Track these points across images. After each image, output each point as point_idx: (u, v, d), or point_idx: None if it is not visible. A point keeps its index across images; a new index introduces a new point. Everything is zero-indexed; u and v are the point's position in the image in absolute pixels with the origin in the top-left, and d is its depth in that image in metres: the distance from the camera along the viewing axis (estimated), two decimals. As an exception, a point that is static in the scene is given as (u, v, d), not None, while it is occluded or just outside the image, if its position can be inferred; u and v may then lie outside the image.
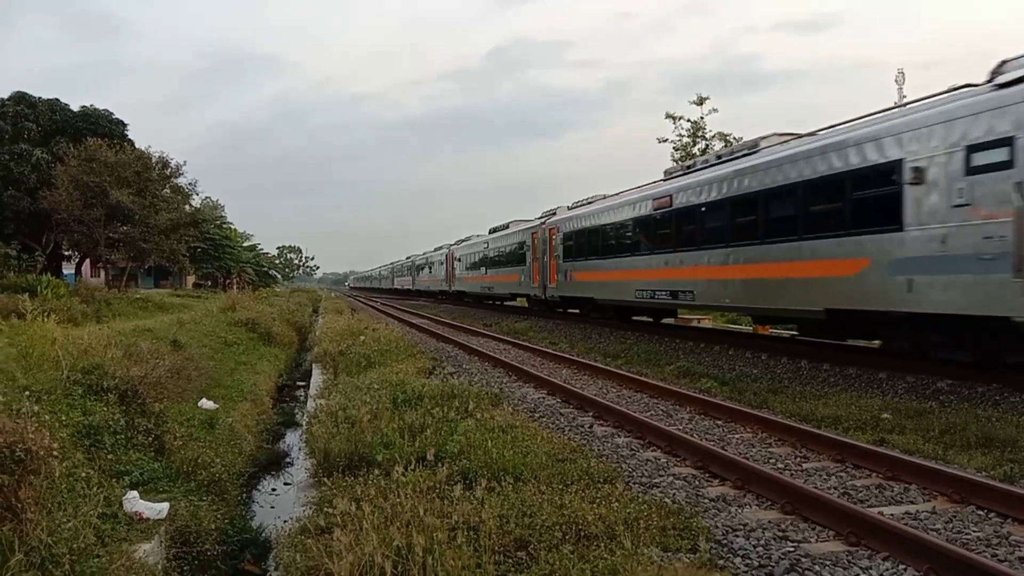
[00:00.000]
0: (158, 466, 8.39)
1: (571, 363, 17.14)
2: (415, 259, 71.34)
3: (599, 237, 24.85)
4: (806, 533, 6.09)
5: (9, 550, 4.91)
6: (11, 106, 35.22)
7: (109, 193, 30.88)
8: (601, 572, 4.84)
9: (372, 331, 22.59)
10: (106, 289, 32.50)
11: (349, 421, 9.10)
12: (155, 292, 43.30)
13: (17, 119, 34.62)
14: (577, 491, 6.49)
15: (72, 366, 9.51)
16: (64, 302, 20.15)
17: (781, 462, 8.38)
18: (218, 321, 23.58)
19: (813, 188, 14.25)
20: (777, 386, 13.32)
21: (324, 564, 5.15)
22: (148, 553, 6.33)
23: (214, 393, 13.41)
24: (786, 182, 15.01)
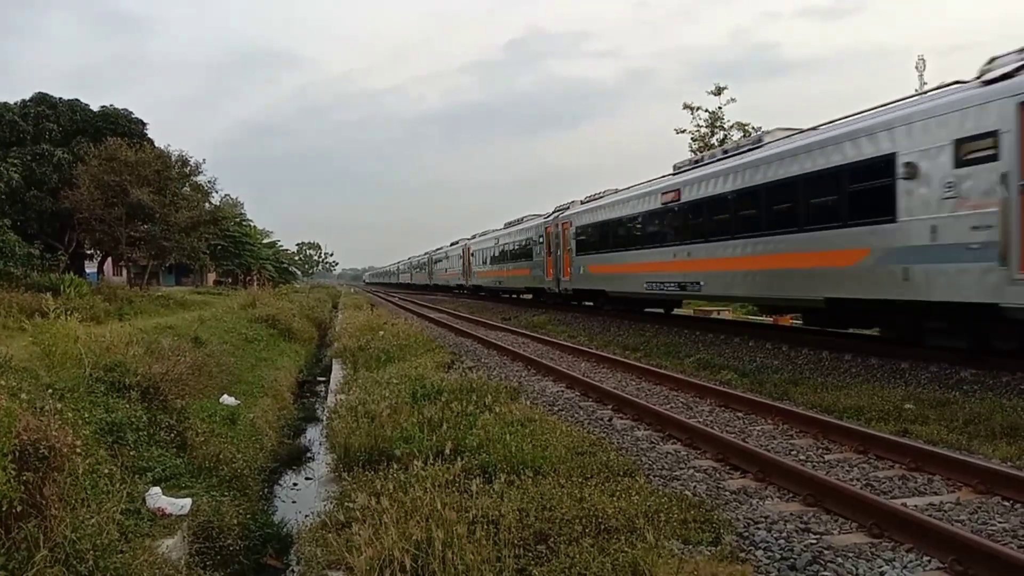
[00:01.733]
0: (180, 462, 8.45)
1: (590, 356, 17.10)
2: (433, 254, 72.12)
3: (610, 231, 25.37)
4: (828, 525, 6.04)
5: (34, 546, 4.96)
6: (32, 107, 35.63)
7: (129, 192, 31.16)
8: (622, 565, 4.82)
9: (391, 326, 22.64)
10: (128, 287, 32.84)
11: (369, 416, 9.12)
12: (176, 290, 43.67)
13: (39, 120, 35.02)
14: (597, 484, 6.46)
15: (95, 364, 9.60)
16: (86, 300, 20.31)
17: (803, 454, 8.32)
18: (239, 318, 23.75)
19: (813, 181, 14.70)
20: (798, 377, 13.22)
21: (344, 558, 5.18)
22: (171, 548, 6.38)
23: (235, 389, 13.49)
24: (787, 176, 15.46)
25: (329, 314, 42.89)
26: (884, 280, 12.79)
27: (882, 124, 12.99)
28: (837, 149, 13.95)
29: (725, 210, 17.97)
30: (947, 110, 11.61)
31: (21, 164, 30.89)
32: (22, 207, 32.06)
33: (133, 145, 33.24)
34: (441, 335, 23.46)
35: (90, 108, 38.11)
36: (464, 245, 53.31)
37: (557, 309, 31.97)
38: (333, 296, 67.28)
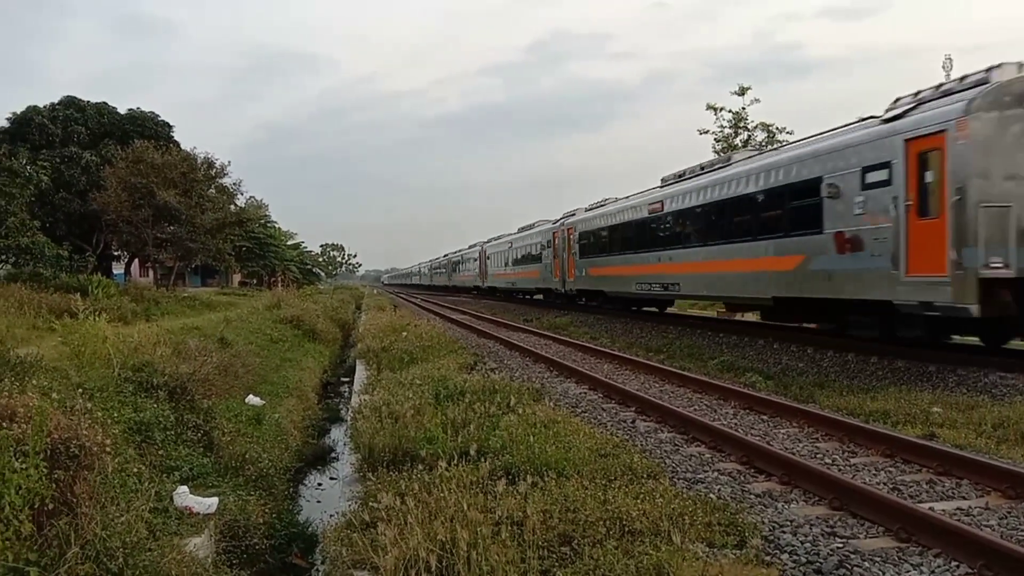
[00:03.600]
0: (207, 461, 8.53)
1: (612, 358, 17.07)
2: (451, 256, 74.04)
3: (607, 237, 28.12)
4: (855, 529, 5.99)
5: (65, 543, 5.03)
6: (61, 110, 36.14)
7: (156, 194, 31.48)
8: (646, 568, 4.81)
9: (414, 327, 22.74)
10: (155, 288, 33.19)
11: (393, 417, 9.17)
12: (202, 291, 44.08)
13: (67, 123, 35.52)
14: (621, 486, 6.46)
15: (123, 364, 9.73)
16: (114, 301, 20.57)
17: (828, 457, 8.26)
18: (264, 319, 23.94)
19: (763, 198, 17.22)
20: (823, 380, 13.14)
21: (370, 558, 5.21)
22: (198, 547, 6.44)
23: (261, 389, 13.60)
24: (743, 192, 18.01)
25: (352, 315, 43.11)
26: (815, 281, 15.16)
27: (812, 152, 15.50)
28: (781, 172, 16.44)
29: (697, 221, 20.72)
30: (857, 142, 14.05)
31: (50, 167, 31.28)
32: (51, 209, 32.53)
33: (160, 147, 33.60)
34: (463, 336, 23.51)
35: (117, 111, 38.59)
36: (480, 249, 55.42)
37: (578, 311, 32.02)
38: (356, 297, 67.63)
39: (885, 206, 13.06)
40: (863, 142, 13.88)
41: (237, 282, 69.68)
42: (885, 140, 13.24)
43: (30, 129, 34.66)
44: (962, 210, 11.55)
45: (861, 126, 14.43)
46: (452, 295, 66.78)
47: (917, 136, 12.57)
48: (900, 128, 12.94)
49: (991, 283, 11.41)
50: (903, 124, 12.95)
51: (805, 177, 15.39)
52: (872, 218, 13.42)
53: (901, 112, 13.26)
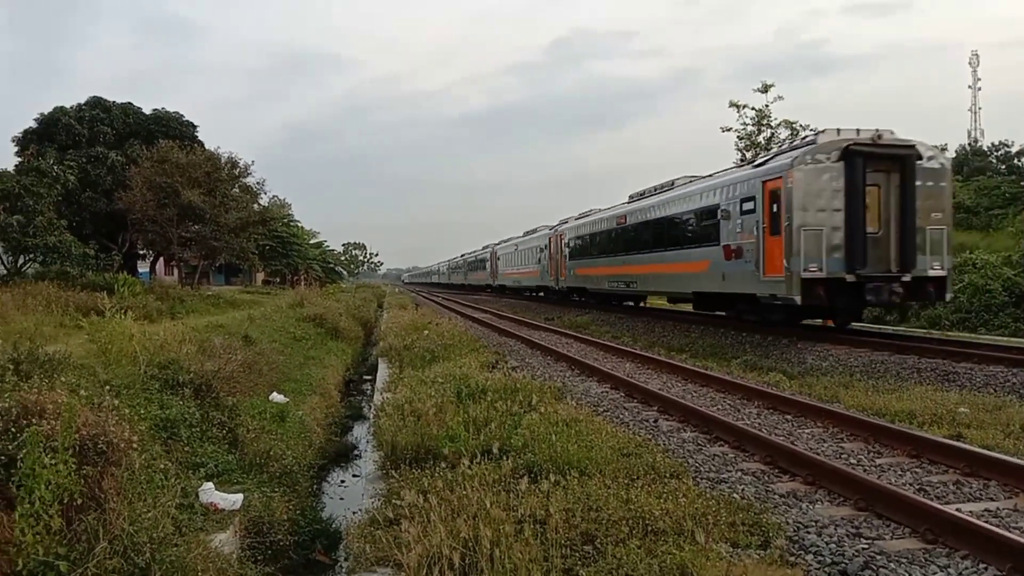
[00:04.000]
0: (232, 458, 8.61)
1: (634, 357, 17.03)
2: (467, 257, 77.92)
3: (588, 242, 33.30)
4: (880, 530, 5.95)
5: (94, 538, 5.09)
6: (87, 111, 36.52)
7: (181, 193, 31.75)
8: (669, 568, 4.80)
9: (435, 326, 22.80)
10: (179, 286, 33.48)
11: (415, 414, 9.20)
12: (226, 289, 44.43)
13: (94, 123, 35.88)
14: (643, 486, 6.45)
15: (149, 361, 9.83)
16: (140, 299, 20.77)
17: (853, 457, 8.19)
18: (287, 317, 24.10)
19: (686, 217, 22.37)
20: (848, 380, 13.03)
21: (393, 555, 5.23)
22: (223, 543, 6.50)
23: (284, 387, 13.70)
24: (674, 212, 23.28)
25: (374, 313, 43.28)
26: (715, 280, 19.90)
27: (714, 184, 20.42)
28: (696, 198, 21.54)
29: (647, 232, 25.82)
30: (739, 180, 18.98)
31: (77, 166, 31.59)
32: (78, 208, 32.88)
33: (184, 147, 33.86)
34: (484, 335, 23.54)
35: (142, 111, 38.93)
36: (492, 250, 60.23)
37: (599, 310, 32.05)
38: (378, 296, 67.91)
39: (752, 227, 17.86)
40: (741, 180, 18.74)
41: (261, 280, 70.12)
42: (753, 180, 18.10)
43: (57, 129, 35.05)
44: (791, 231, 16.11)
45: (740, 169, 20.14)
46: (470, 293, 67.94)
47: (768, 179, 17.36)
48: (760, 173, 17.91)
49: (809, 282, 15.96)
50: (762, 170, 17.88)
51: (709, 204, 20.36)
52: (746, 235, 18.20)
53: (763, 161, 18.71)
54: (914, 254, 16.19)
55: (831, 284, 16.01)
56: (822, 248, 15.95)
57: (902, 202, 16.22)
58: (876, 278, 16.05)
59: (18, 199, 25.29)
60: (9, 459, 5.35)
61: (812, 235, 15.95)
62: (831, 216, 15.97)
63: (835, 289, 16.08)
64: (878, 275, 16.08)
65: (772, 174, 17.15)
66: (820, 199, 16.02)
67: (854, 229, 15.84)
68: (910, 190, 16.15)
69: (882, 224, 16.37)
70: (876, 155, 16.14)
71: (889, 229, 16.34)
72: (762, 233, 17.35)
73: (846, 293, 16.18)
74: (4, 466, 5.34)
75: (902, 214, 16.23)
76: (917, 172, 16.25)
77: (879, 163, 16.24)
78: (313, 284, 57.60)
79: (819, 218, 16.00)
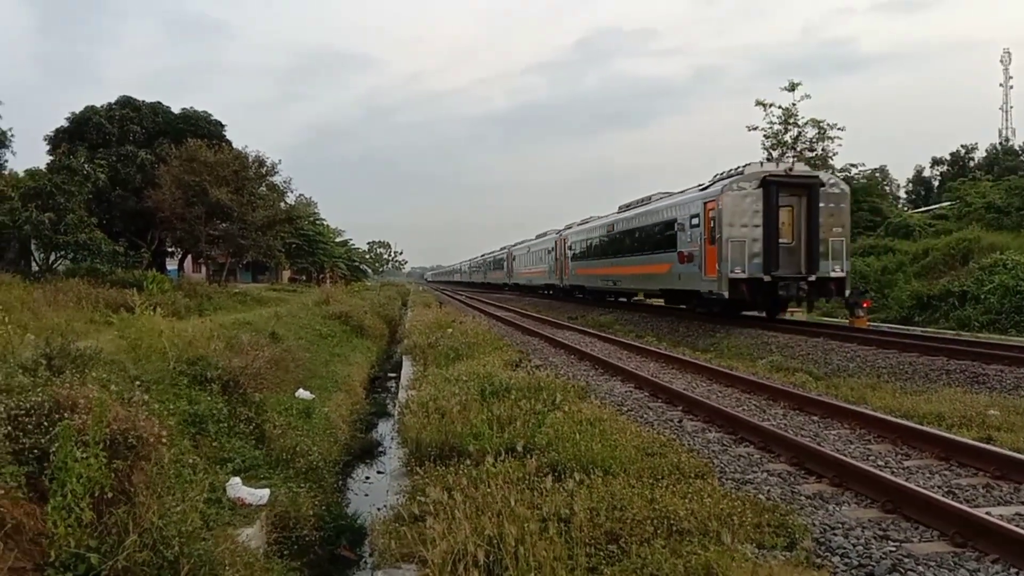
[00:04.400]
0: (259, 454, 8.69)
1: (658, 356, 16.96)
2: (486, 257, 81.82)
3: (585, 246, 37.83)
4: (908, 533, 5.89)
5: (124, 531, 5.16)
6: (117, 110, 36.94)
7: (209, 192, 32.08)
8: (694, 568, 4.79)
9: (459, 324, 22.83)
10: (207, 284, 33.86)
11: (439, 412, 9.22)
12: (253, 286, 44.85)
13: (123, 122, 36.29)
14: (668, 486, 6.42)
15: (178, 357, 9.93)
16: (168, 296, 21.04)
17: (881, 459, 8.11)
18: (313, 314, 24.27)
19: (655, 228, 26.86)
20: (875, 381, 12.90)
21: (418, 551, 5.26)
22: (250, 537, 6.57)
23: (310, 383, 13.79)
24: (645, 223, 28.08)
25: (399, 311, 43.45)
26: (674, 279, 24.53)
27: (674, 203, 25.32)
28: (660, 212, 26.44)
29: (628, 239, 30.41)
30: (690, 200, 23.57)
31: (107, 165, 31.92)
32: (108, 206, 33.26)
33: (212, 146, 34.18)
34: (508, 333, 23.55)
35: (171, 110, 39.30)
36: (508, 251, 65.07)
37: (623, 309, 32.07)
38: (402, 294, 68.16)
39: (698, 237, 22.28)
40: (692, 200, 23.35)
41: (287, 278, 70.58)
42: (698, 201, 22.56)
43: (88, 128, 35.47)
44: (721, 242, 20.49)
45: (693, 190, 24.22)
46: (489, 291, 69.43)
47: (707, 200, 21.72)
48: (703, 195, 22.33)
49: (735, 281, 20.27)
50: (704, 193, 22.29)
51: (669, 218, 25.03)
52: (694, 244, 22.61)
53: (707, 185, 22.98)
54: (818, 260, 20.64)
55: (752, 283, 20.37)
56: (745, 255, 20.38)
57: (809, 219, 20.70)
58: (787, 278, 20.41)
59: (50, 197, 25.69)
60: (42, 452, 5.45)
61: (737, 245, 20.39)
62: (752, 231, 20.42)
63: (755, 287, 20.42)
64: (789, 276, 20.45)
65: (710, 197, 21.55)
66: (744, 217, 20.46)
67: (770, 241, 20.23)
68: (815, 210, 20.63)
69: (794, 236, 20.98)
70: (788, 183, 20.70)
71: (800, 240, 20.92)
72: (703, 243, 21.87)
73: (763, 290, 20.51)
74: (37, 459, 5.43)
75: (809, 229, 20.73)
76: (821, 196, 20.75)
77: (791, 189, 20.75)
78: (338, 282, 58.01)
79: (743, 232, 20.46)
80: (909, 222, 39.18)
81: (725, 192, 20.64)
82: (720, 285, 20.54)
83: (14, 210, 24.70)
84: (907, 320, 25.85)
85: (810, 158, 45.61)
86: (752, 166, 21.28)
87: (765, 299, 21.34)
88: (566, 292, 43.61)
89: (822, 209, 20.75)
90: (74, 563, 4.88)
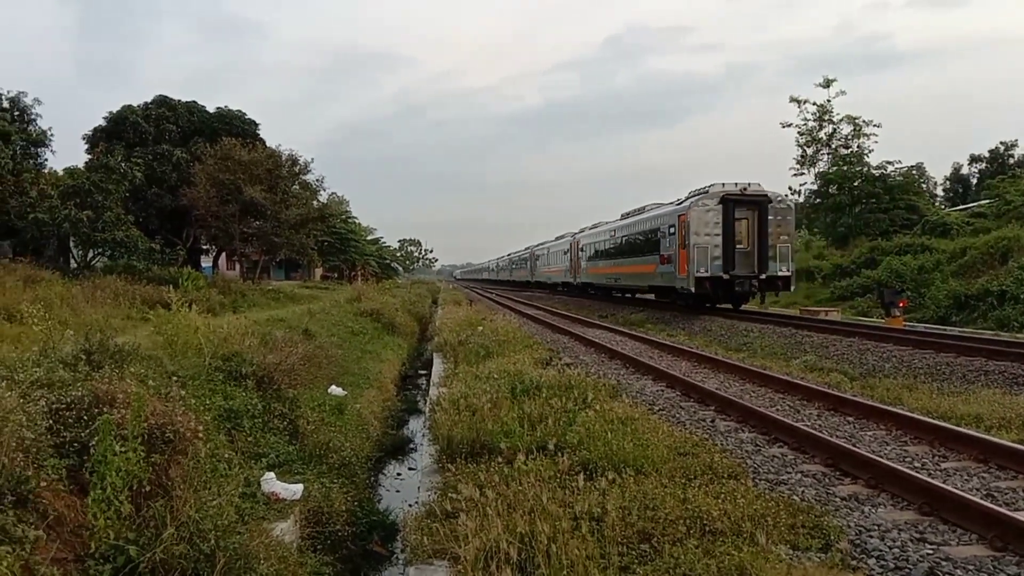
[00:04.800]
0: (292, 449, 8.78)
1: (690, 355, 16.85)
2: (512, 256, 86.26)
3: (593, 248, 42.41)
4: (946, 536, 5.80)
5: (161, 524, 5.24)
6: (154, 109, 37.49)
7: (243, 190, 32.43)
8: (728, 568, 4.75)
9: (489, 322, 22.86)
10: (241, 281, 34.20)
11: (470, 409, 9.24)
12: (286, 284, 45.27)
13: (159, 121, 36.82)
14: (700, 486, 6.39)
15: (213, 353, 10.05)
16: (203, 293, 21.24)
17: (917, 461, 8.00)
18: (345, 311, 24.47)
19: (645, 235, 31.33)
20: (912, 382, 12.70)
21: (450, 548, 5.28)
22: (284, 532, 6.65)
23: (342, 380, 13.90)
24: (639, 231, 32.51)
25: (429, 309, 43.62)
26: (658, 277, 29.49)
27: (657, 215, 30.07)
28: (648, 222, 31.18)
29: (624, 243, 35.12)
30: (668, 212, 28.46)
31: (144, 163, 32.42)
32: (144, 204, 33.79)
33: (246, 145, 34.53)
34: (538, 331, 23.54)
35: (206, 110, 39.79)
36: (531, 251, 70.00)
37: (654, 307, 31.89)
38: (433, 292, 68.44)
39: (674, 243, 27.13)
40: (670, 212, 28.33)
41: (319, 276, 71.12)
42: (674, 213, 27.53)
43: (125, 127, 36.02)
44: (690, 247, 25.41)
45: (672, 205, 29.08)
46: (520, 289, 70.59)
47: (680, 214, 26.67)
48: (678, 209, 27.35)
49: (700, 279, 25.13)
50: (679, 207, 27.15)
51: (654, 227, 30.03)
52: (672, 249, 27.43)
53: (682, 200, 27.68)
54: (767, 262, 25.47)
55: (713, 280, 25.38)
56: (708, 258, 25.41)
57: (760, 229, 25.54)
58: (742, 277, 25.43)
59: (88, 195, 26.17)
60: (82, 446, 5.55)
61: (702, 250, 25.44)
62: (713, 238, 25.39)
63: (716, 283, 25.42)
64: (744, 275, 25.45)
65: (682, 211, 26.85)
66: (707, 227, 25.46)
67: (728, 246, 25.18)
68: (765, 222, 25.49)
69: (749, 243, 25.90)
70: (743, 200, 25.59)
71: (753, 246, 25.78)
72: (678, 248, 26.79)
73: (723, 286, 25.49)
74: (77, 452, 5.54)
75: (760, 237, 25.56)
76: (770, 210, 25.65)
77: (746, 205, 25.73)
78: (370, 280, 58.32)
79: (706, 239, 25.46)
80: (946, 220, 38.55)
81: (692, 207, 25.70)
82: (688, 282, 25.84)
83: (53, 208, 25.20)
84: (944, 320, 25.42)
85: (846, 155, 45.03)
86: (715, 186, 25.84)
87: (725, 294, 26.03)
88: (580, 289, 48.05)
89: (770, 221, 25.60)
90: (113, 555, 4.96)
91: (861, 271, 35.25)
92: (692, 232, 25.35)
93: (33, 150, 28.17)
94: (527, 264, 70.80)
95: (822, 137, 46.89)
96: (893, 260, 33.18)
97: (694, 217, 25.39)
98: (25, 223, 25.05)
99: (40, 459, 5.14)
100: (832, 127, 46.40)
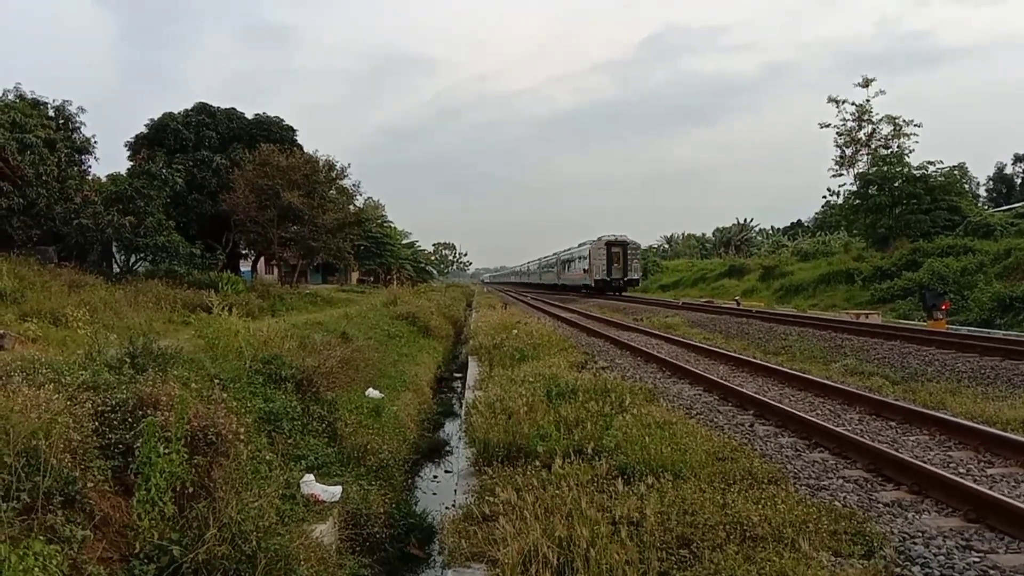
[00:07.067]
0: (331, 451, 8.86)
1: (727, 359, 16.68)
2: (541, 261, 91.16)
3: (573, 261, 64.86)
4: (993, 543, 5.67)
5: (204, 525, 5.33)
6: (194, 116, 38.11)
7: (281, 195, 32.86)
8: (769, 575, 4.70)
9: (524, 325, 22.84)
10: (279, 285, 34.66)
11: (506, 412, 9.22)
12: (323, 287, 45.77)
13: (199, 128, 37.42)
14: (740, 491, 6.33)
15: (254, 356, 10.19)
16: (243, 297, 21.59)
17: (962, 466, 7.83)
18: (381, 315, 24.63)
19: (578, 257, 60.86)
20: (955, 386, 12.45)
21: (488, 551, 5.28)
22: (323, 533, 6.71)
23: (379, 383, 13.99)
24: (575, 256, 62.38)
25: (464, 312, 43.77)
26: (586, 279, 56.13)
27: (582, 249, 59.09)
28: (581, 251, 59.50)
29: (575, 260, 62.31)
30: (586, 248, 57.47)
31: (184, 170, 33.03)
32: (185, 209, 34.36)
33: (284, 151, 35.00)
34: (573, 335, 23.47)
35: (245, 116, 40.34)
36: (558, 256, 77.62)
37: (689, 310, 31.60)
38: (467, 295, 68.73)
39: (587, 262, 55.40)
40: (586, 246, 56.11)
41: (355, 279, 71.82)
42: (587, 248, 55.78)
43: (166, 134, 36.67)
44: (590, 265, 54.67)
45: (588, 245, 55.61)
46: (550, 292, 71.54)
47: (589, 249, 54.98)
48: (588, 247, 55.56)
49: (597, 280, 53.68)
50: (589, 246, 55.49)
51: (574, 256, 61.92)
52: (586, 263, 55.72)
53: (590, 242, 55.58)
54: (627, 272, 52.84)
55: (600, 281, 52.51)
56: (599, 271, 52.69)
57: (624, 257, 52.80)
58: (614, 279, 52.49)
59: (130, 201, 26.70)
60: (127, 447, 5.67)
61: (596, 267, 52.89)
62: (601, 262, 52.58)
63: (601, 283, 52.45)
64: (614, 278, 52.45)
65: (589, 247, 54.17)
66: (598, 259, 52.80)
67: (609, 266, 52.40)
68: (625, 254, 52.92)
69: (620, 264, 52.63)
70: (616, 243, 52.86)
71: (621, 265, 52.77)
72: (587, 265, 54.37)
73: (605, 284, 52.41)
74: (122, 454, 5.65)
75: (624, 261, 52.77)
76: (629, 247, 53.26)
77: (617, 245, 52.79)
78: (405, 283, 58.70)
79: (597, 264, 52.87)
80: (990, 221, 37.83)
81: (591, 248, 53.58)
82: (590, 282, 53.30)
83: (97, 214, 25.73)
84: (988, 323, 24.91)
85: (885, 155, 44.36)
86: (605, 236, 52.98)
87: (606, 287, 52.46)
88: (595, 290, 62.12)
89: (629, 253, 52.95)
90: (157, 555, 5.05)
91: (902, 273, 34.68)
92: (591, 259, 53.26)
93: (77, 157, 28.77)
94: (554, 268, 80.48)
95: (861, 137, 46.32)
96: (935, 262, 32.58)
97: (591, 252, 53.50)
98: (70, 229, 25.61)
99: (87, 460, 5.26)
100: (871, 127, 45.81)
